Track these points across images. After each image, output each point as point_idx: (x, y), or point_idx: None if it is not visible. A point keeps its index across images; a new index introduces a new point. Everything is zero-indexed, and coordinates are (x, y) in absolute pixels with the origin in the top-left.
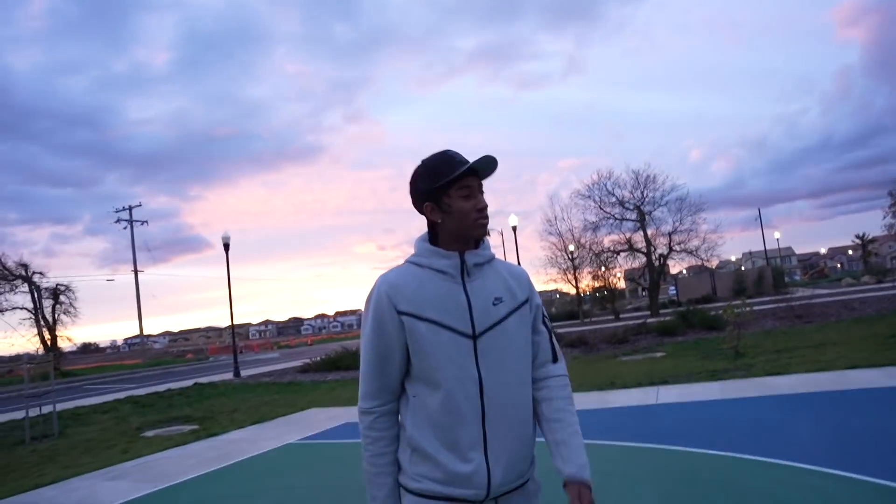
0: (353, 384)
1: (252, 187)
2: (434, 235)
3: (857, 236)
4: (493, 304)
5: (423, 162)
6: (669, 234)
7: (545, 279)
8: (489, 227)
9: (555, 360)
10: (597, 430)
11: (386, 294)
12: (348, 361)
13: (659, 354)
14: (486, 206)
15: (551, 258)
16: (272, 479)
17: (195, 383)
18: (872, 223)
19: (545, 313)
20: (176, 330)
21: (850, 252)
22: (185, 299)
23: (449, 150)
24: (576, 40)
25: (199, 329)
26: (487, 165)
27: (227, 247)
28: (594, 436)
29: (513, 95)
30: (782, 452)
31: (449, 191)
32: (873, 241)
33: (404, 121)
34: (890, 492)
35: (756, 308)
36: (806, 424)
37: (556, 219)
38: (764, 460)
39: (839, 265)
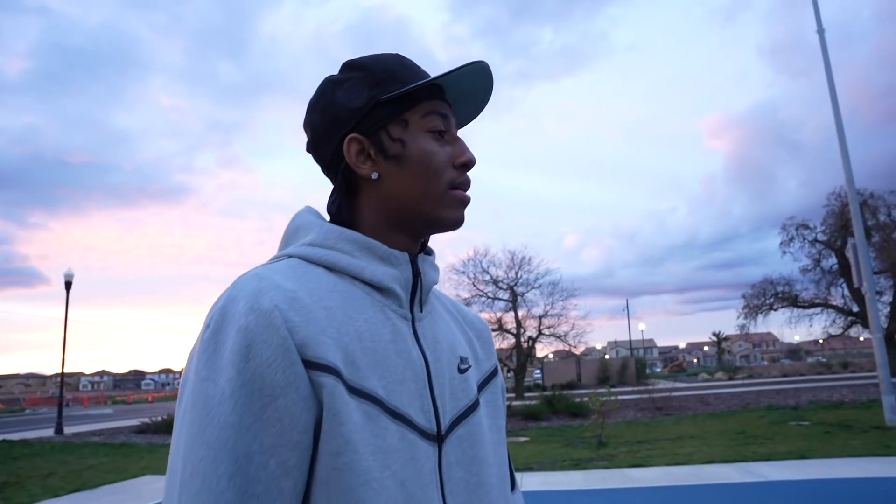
0: None
1: (105, 222)
2: (346, 217)
3: (714, 334)
4: (460, 372)
5: (349, 62)
6: (540, 318)
7: None
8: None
9: (513, 486)
10: None
11: (279, 314)
12: None
13: (523, 439)
14: (473, 162)
15: None
16: None
17: (2, 440)
18: (727, 322)
19: None
20: None
21: (706, 348)
22: (6, 340)
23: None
24: None
25: (17, 375)
26: (480, 85)
27: (68, 285)
28: None
29: None
30: None
31: (405, 115)
32: (727, 339)
33: (280, 172)
34: None
35: (619, 398)
36: None
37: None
38: None
39: (696, 360)
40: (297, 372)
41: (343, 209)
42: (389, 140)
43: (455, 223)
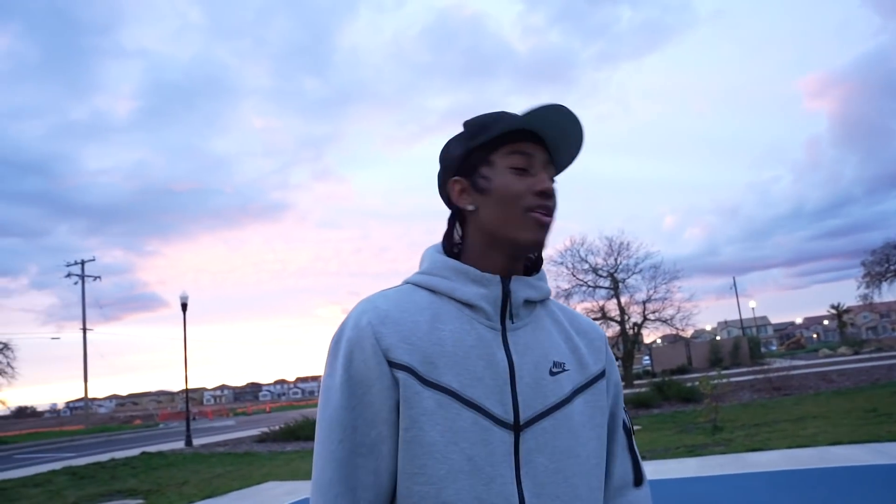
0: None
1: (212, 244)
2: (457, 245)
3: (833, 306)
4: (552, 374)
5: (463, 123)
6: (644, 303)
7: None
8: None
9: (638, 482)
10: None
11: (370, 328)
12: (309, 431)
13: (635, 428)
14: (552, 191)
15: None
16: None
17: (142, 452)
18: (847, 293)
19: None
20: (124, 393)
21: (826, 322)
22: (136, 360)
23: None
24: None
25: (149, 393)
26: (561, 125)
27: (184, 306)
28: None
29: None
30: None
31: (491, 156)
32: (848, 311)
33: (372, 180)
34: None
35: (733, 379)
36: (789, 503)
37: None
38: None
39: (815, 335)
40: (382, 370)
41: (452, 238)
42: (481, 178)
43: (534, 244)
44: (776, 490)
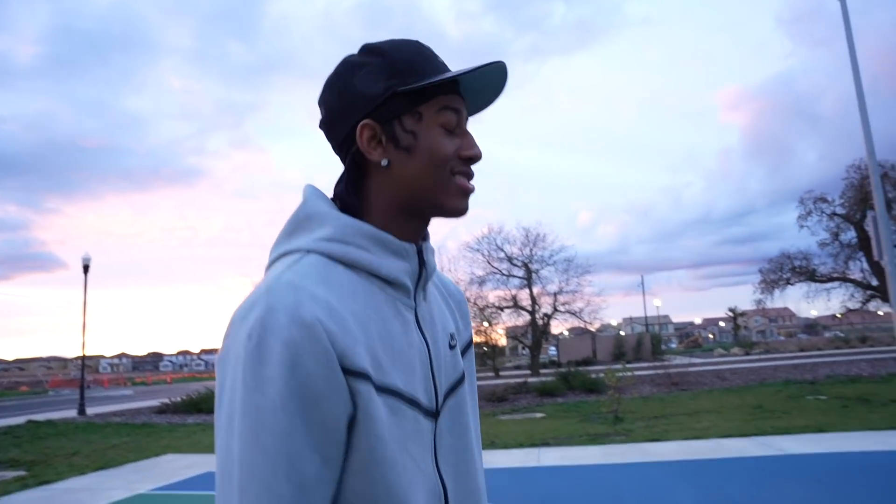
0: None
1: (119, 206)
2: (353, 201)
3: (730, 309)
4: (451, 348)
5: (368, 46)
6: (555, 294)
7: None
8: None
9: None
10: None
11: (320, 325)
12: (212, 403)
13: (539, 415)
14: (479, 157)
15: None
16: None
17: (28, 420)
18: (743, 298)
19: None
20: (10, 358)
21: (722, 324)
22: (26, 324)
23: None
24: None
25: (39, 358)
26: (494, 83)
27: (86, 268)
28: None
29: None
30: None
31: (420, 108)
32: (743, 314)
33: (293, 153)
34: None
35: (635, 373)
36: (684, 491)
37: (441, 269)
38: None
39: (712, 336)
40: (338, 380)
41: (351, 192)
42: (402, 131)
43: (458, 211)
44: (673, 478)
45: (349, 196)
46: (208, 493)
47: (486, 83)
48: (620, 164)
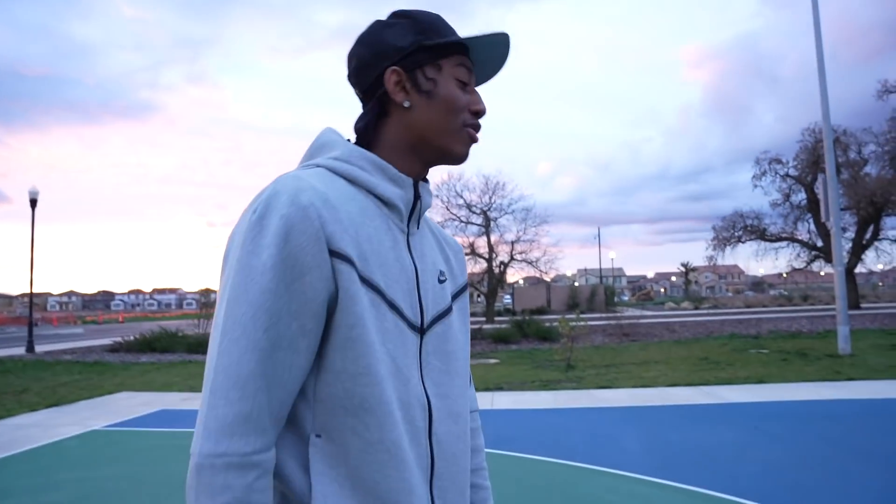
0: (172, 368)
1: (66, 139)
2: (371, 136)
3: (682, 265)
4: (440, 282)
5: (397, 12)
6: (512, 243)
7: None
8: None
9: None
10: None
11: (314, 209)
12: (166, 343)
13: (493, 361)
14: (485, 111)
15: None
16: (71, 471)
17: None
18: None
19: None
20: None
21: (674, 278)
22: None
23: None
24: None
25: None
26: (499, 55)
27: (33, 203)
28: None
29: None
30: (610, 461)
31: (440, 61)
32: (695, 270)
33: (250, 91)
34: (702, 497)
35: (588, 323)
36: (631, 436)
37: None
38: (593, 468)
39: (664, 290)
40: (323, 257)
41: (370, 128)
42: (424, 78)
43: (462, 157)
44: (622, 423)
45: (366, 131)
46: (164, 429)
47: (492, 55)
48: (582, 116)
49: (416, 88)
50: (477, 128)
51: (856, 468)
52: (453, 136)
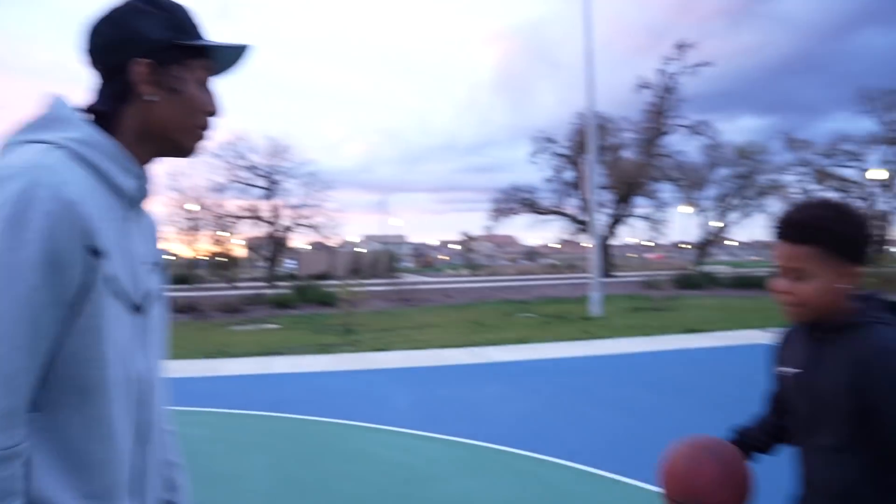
0: None
1: None
2: (106, 120)
3: (463, 233)
4: (154, 264)
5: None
6: (296, 208)
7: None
8: None
9: None
10: (205, 397)
11: (77, 206)
12: None
13: (273, 326)
14: (218, 113)
15: (169, 216)
16: None
17: None
18: (477, 223)
19: None
20: None
21: (456, 246)
22: None
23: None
24: None
25: None
26: (240, 60)
27: None
28: (202, 403)
29: None
30: (383, 419)
31: (189, 61)
32: (474, 239)
33: None
34: (463, 446)
35: (369, 289)
36: (404, 394)
37: (179, 174)
38: (367, 425)
39: (448, 258)
40: (83, 254)
41: (109, 110)
42: (172, 76)
43: (192, 153)
44: (395, 383)
45: (104, 113)
46: None
47: (232, 61)
48: (374, 82)
49: (163, 85)
50: (208, 127)
51: (594, 412)
52: (189, 133)
